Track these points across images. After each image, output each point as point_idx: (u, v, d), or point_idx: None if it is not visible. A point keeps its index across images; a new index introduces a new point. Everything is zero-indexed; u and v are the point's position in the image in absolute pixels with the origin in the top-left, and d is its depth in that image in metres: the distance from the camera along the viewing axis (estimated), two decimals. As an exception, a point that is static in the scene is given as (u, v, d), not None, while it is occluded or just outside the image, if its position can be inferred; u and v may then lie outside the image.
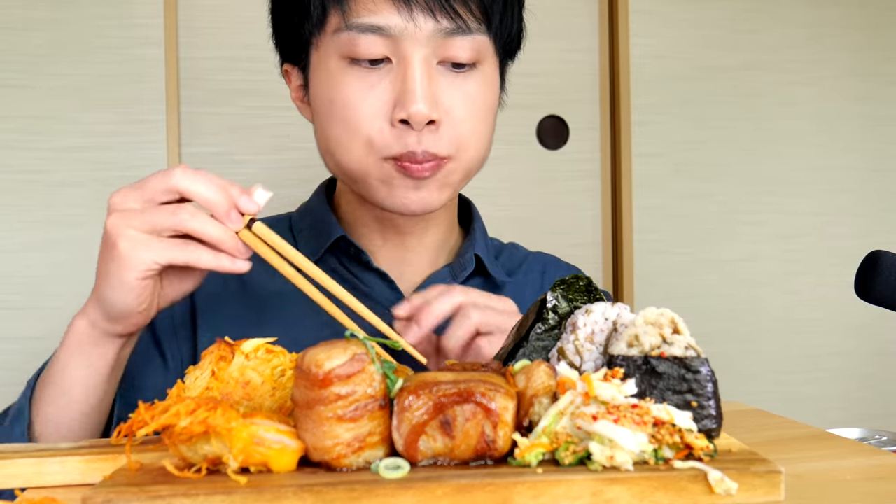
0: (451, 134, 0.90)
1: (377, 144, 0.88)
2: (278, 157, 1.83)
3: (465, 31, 0.88)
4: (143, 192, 0.73)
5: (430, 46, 0.87)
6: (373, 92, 0.88)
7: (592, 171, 1.98)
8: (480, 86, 0.92)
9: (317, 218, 1.04)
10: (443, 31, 0.87)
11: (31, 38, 1.74)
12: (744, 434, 0.70)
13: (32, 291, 1.74)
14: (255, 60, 1.80)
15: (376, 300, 1.00)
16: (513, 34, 0.97)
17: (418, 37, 0.86)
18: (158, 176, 0.72)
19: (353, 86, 0.88)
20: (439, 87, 0.89)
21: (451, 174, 0.92)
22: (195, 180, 0.72)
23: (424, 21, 0.86)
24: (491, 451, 0.54)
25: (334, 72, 0.89)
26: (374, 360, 0.55)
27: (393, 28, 0.86)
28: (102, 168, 1.76)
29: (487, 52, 0.92)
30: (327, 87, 0.90)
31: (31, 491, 0.59)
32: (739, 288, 2.02)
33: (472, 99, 0.91)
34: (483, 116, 0.93)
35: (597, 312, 0.64)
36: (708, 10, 2.00)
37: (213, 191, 0.72)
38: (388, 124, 0.88)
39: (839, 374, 2.06)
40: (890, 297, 0.81)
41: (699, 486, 0.51)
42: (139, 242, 0.71)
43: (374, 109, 0.88)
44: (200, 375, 0.65)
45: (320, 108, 0.92)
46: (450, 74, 0.90)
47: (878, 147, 2.08)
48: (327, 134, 0.92)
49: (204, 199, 0.72)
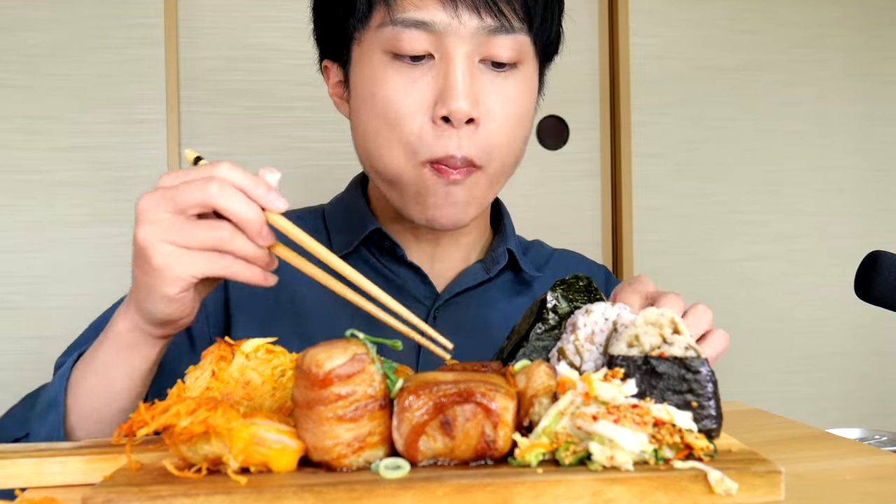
0: (488, 135, 0.89)
1: (416, 145, 0.88)
2: (278, 157, 1.83)
3: (509, 29, 0.88)
4: (174, 202, 0.68)
5: (473, 43, 0.87)
6: (415, 87, 0.88)
7: (592, 171, 1.98)
8: (520, 87, 0.92)
9: (351, 210, 1.04)
10: (486, 28, 0.87)
11: (30, 38, 1.74)
12: (744, 434, 0.70)
13: (33, 291, 1.74)
14: (255, 60, 1.80)
15: (409, 293, 1.01)
16: (552, 36, 0.97)
17: (462, 33, 0.86)
18: (194, 186, 0.68)
19: (395, 81, 0.88)
20: (480, 86, 0.89)
21: (477, 184, 0.92)
22: (231, 198, 0.68)
23: (469, 18, 0.86)
24: (491, 451, 0.54)
25: (377, 67, 0.89)
26: (375, 360, 0.55)
27: (437, 24, 0.86)
28: (102, 168, 1.76)
29: (528, 53, 0.92)
30: (369, 82, 0.90)
31: (32, 491, 0.59)
32: (739, 288, 2.02)
33: (511, 101, 0.91)
34: (519, 121, 0.93)
35: (597, 312, 0.64)
36: (708, 10, 2.00)
37: (249, 210, 0.69)
38: (430, 121, 0.87)
39: (839, 374, 2.06)
40: (890, 297, 0.80)
41: (699, 486, 0.51)
42: (176, 257, 0.69)
43: (415, 105, 0.88)
44: (201, 375, 0.65)
45: (361, 104, 0.92)
46: (490, 73, 0.90)
47: (878, 147, 2.08)
48: (366, 129, 0.92)
49: (239, 219, 0.68)
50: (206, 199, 0.67)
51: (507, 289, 1.06)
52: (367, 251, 1.02)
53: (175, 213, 0.68)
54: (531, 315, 0.72)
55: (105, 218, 1.76)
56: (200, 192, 0.67)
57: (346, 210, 1.05)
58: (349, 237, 1.01)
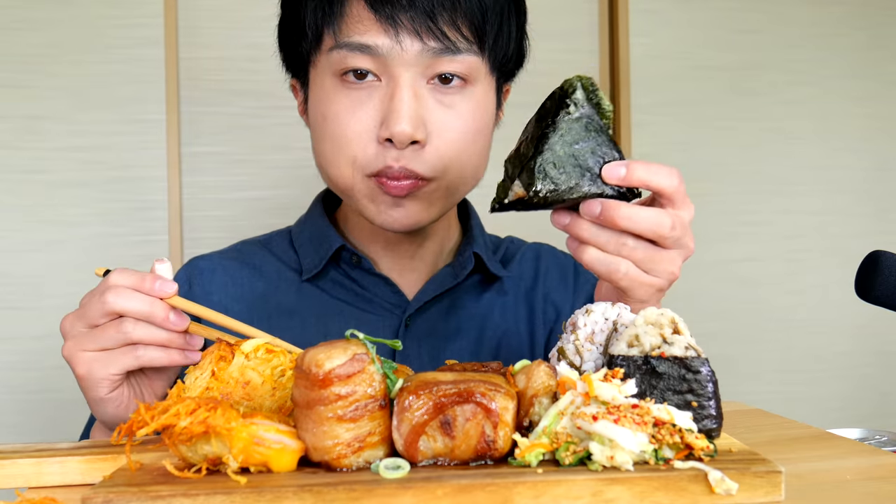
0: (436, 155, 0.90)
1: (360, 162, 0.90)
2: (278, 157, 1.83)
3: (454, 51, 0.88)
4: (85, 318, 0.77)
5: (418, 66, 0.88)
6: (361, 110, 0.90)
7: (592, 171, 1.98)
8: (471, 105, 0.92)
9: (315, 230, 1.06)
10: (430, 51, 0.88)
11: (31, 38, 1.74)
12: (744, 434, 0.70)
13: (32, 291, 1.74)
14: (255, 60, 1.80)
15: (380, 304, 1.02)
16: (509, 55, 0.96)
17: (405, 58, 0.87)
18: (94, 300, 0.77)
19: (343, 104, 0.90)
20: (427, 108, 0.89)
21: (434, 193, 0.93)
22: (127, 299, 0.75)
23: (411, 43, 0.87)
24: (491, 451, 0.54)
25: (328, 89, 0.92)
26: (375, 360, 0.55)
27: (381, 47, 0.87)
28: (102, 168, 1.76)
29: (480, 72, 0.92)
30: (321, 104, 0.93)
31: (31, 491, 0.59)
32: (739, 288, 2.02)
33: (461, 119, 0.91)
34: (473, 137, 0.93)
35: (597, 312, 0.64)
36: (708, 9, 2.00)
37: (145, 303, 0.76)
38: (375, 142, 0.90)
39: (839, 374, 2.06)
40: (890, 296, 0.80)
41: (699, 486, 0.51)
42: (93, 361, 0.77)
43: (361, 126, 0.90)
44: (200, 375, 0.65)
45: (315, 124, 0.95)
46: (439, 94, 0.90)
47: (879, 147, 2.08)
48: (319, 148, 0.95)
49: (140, 315, 0.76)
50: (106, 308, 0.76)
51: (475, 289, 1.07)
52: (338, 268, 1.03)
53: (87, 326, 0.77)
54: (551, 106, 0.69)
55: (105, 218, 1.76)
56: (100, 303, 0.76)
57: (311, 230, 1.06)
58: (317, 257, 1.03)
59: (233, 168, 1.82)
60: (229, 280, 1.04)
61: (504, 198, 0.71)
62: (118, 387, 0.79)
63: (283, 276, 1.04)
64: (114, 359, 0.77)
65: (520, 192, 0.69)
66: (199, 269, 1.06)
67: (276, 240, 1.10)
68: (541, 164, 0.68)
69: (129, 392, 0.80)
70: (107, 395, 0.78)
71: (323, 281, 1.03)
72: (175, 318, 0.77)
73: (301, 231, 1.08)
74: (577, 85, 0.70)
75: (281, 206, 1.82)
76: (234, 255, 1.08)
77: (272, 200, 1.83)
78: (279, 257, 1.07)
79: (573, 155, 0.69)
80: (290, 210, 1.72)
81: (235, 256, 1.07)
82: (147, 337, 0.76)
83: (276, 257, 1.07)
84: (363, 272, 1.02)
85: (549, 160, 0.68)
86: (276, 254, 1.08)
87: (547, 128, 0.69)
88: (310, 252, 1.04)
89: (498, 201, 0.71)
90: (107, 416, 0.81)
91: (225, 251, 1.10)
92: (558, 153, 0.68)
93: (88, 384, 0.78)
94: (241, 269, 1.05)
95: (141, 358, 0.76)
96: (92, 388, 0.78)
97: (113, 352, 0.77)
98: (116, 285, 0.76)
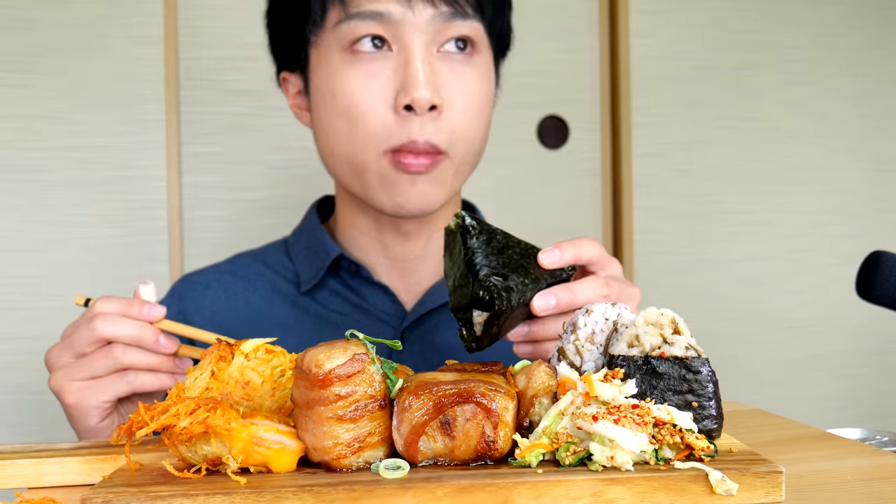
0: (451, 123, 0.91)
1: (380, 135, 0.89)
2: (278, 157, 1.83)
3: (464, 15, 0.90)
4: (72, 347, 0.77)
5: (429, 32, 0.89)
6: (375, 81, 0.89)
7: (592, 171, 1.98)
8: (478, 75, 0.93)
9: (311, 239, 1.04)
10: (442, 15, 0.89)
11: (30, 37, 1.74)
12: (745, 434, 0.70)
13: (32, 291, 1.74)
14: (255, 60, 1.80)
15: (376, 316, 1.00)
16: (504, 30, 0.99)
17: (418, 23, 0.88)
18: (81, 329, 0.76)
19: (356, 77, 0.89)
20: (440, 75, 0.90)
21: (446, 172, 0.93)
22: (116, 325, 0.76)
23: (423, 7, 0.88)
24: (491, 451, 0.54)
25: (336, 65, 0.90)
26: (374, 361, 0.55)
27: (392, 14, 0.87)
28: (102, 168, 1.76)
29: (483, 42, 0.94)
30: (329, 82, 0.91)
31: (31, 491, 0.59)
32: (740, 288, 2.02)
33: (470, 90, 0.92)
34: (480, 108, 0.94)
35: (597, 312, 0.64)
36: (708, 9, 2.00)
37: (135, 328, 0.76)
38: (392, 112, 0.89)
39: (840, 374, 2.06)
40: (891, 296, 0.80)
41: (700, 486, 0.51)
42: (84, 390, 0.77)
43: (377, 98, 0.89)
44: (200, 375, 0.65)
45: (322, 104, 0.93)
46: (449, 62, 0.91)
47: (878, 147, 2.08)
48: (328, 129, 0.93)
49: (130, 340, 0.76)
50: (96, 335, 0.76)
51: None
52: (337, 278, 1.01)
53: (75, 356, 0.77)
54: (453, 239, 0.71)
55: (105, 218, 1.76)
56: (89, 330, 0.76)
57: (307, 241, 1.04)
58: (314, 268, 1.01)
59: (232, 168, 1.82)
60: (223, 295, 1.02)
61: (472, 335, 0.70)
62: (108, 415, 0.78)
63: (279, 290, 1.02)
64: (105, 386, 0.76)
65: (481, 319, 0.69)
66: (191, 283, 1.04)
67: (272, 252, 1.08)
68: (485, 281, 0.68)
69: (119, 421, 0.80)
70: (97, 423, 0.78)
71: (320, 292, 1.01)
72: (165, 340, 0.77)
73: (297, 241, 1.06)
74: (459, 224, 0.71)
75: (280, 206, 1.82)
76: (227, 268, 1.06)
77: (271, 200, 1.83)
78: (275, 269, 1.05)
79: (502, 263, 0.71)
80: (289, 210, 1.72)
81: (229, 270, 1.06)
82: (137, 362, 0.76)
83: (272, 270, 1.05)
84: (362, 280, 1.00)
85: (489, 274, 0.69)
86: (272, 266, 1.06)
87: (468, 254, 0.70)
88: (306, 263, 1.02)
89: (473, 340, 0.71)
90: None
91: (219, 266, 1.08)
92: (492, 264, 0.70)
93: (79, 414, 0.77)
94: (235, 284, 1.03)
95: (132, 383, 0.76)
96: (83, 418, 0.77)
97: (103, 379, 0.76)
98: (104, 312, 0.76)
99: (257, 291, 1.03)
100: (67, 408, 0.78)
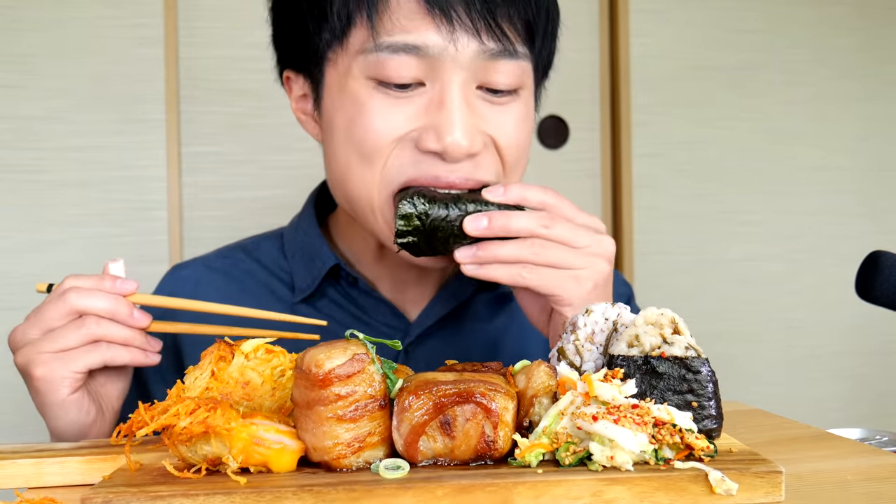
0: (487, 166, 0.80)
1: (389, 171, 0.79)
2: (278, 158, 1.83)
3: (512, 53, 0.78)
4: (41, 323, 0.75)
5: (470, 70, 0.77)
6: (400, 117, 0.77)
7: (592, 171, 1.98)
8: (520, 117, 0.82)
9: (307, 242, 0.95)
10: (487, 52, 0.77)
11: (30, 38, 1.74)
12: (744, 434, 0.70)
13: (32, 291, 1.74)
14: (255, 60, 1.80)
15: (378, 329, 0.93)
16: (552, 54, 0.89)
17: (459, 59, 0.76)
18: (53, 303, 0.74)
19: (379, 111, 0.78)
20: (480, 115, 0.79)
21: None
22: (91, 297, 0.74)
23: (468, 41, 0.76)
24: (491, 451, 0.54)
25: (359, 95, 0.79)
26: (374, 361, 0.55)
27: (431, 48, 0.75)
28: (102, 168, 1.76)
29: (529, 78, 0.83)
30: (348, 111, 0.80)
31: (31, 491, 0.59)
32: (740, 288, 2.02)
33: (510, 134, 0.81)
34: (520, 152, 0.84)
35: (597, 312, 0.64)
36: (708, 9, 2.00)
37: (109, 301, 0.74)
38: (412, 150, 0.78)
39: (839, 374, 2.06)
40: (890, 296, 0.80)
41: (700, 486, 0.51)
42: (53, 360, 0.73)
43: (400, 135, 0.78)
44: (200, 375, 0.65)
45: (335, 132, 0.82)
46: (487, 102, 0.80)
47: (878, 147, 2.08)
48: (338, 160, 0.82)
49: (104, 312, 0.74)
50: (69, 306, 0.73)
51: (485, 310, 0.97)
52: (335, 285, 0.94)
53: (44, 331, 0.74)
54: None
55: (105, 218, 1.76)
56: (61, 303, 0.74)
57: (304, 243, 0.96)
58: (309, 276, 0.93)
59: (233, 168, 1.82)
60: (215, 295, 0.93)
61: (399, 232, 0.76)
62: (79, 388, 0.75)
63: (274, 294, 0.95)
64: (76, 357, 0.74)
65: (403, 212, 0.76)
66: (181, 281, 0.98)
67: (265, 246, 1.00)
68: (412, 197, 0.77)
69: (87, 397, 0.77)
70: (68, 395, 0.74)
71: (319, 300, 0.94)
72: (139, 315, 0.75)
73: (293, 239, 0.97)
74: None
75: (281, 206, 1.82)
76: (219, 265, 0.98)
77: (272, 200, 1.83)
78: (270, 270, 0.97)
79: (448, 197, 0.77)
80: (290, 210, 1.71)
81: (220, 268, 0.98)
82: (110, 334, 0.74)
83: (266, 269, 0.97)
84: (361, 292, 0.93)
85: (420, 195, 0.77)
86: (265, 264, 0.98)
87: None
88: (301, 268, 0.94)
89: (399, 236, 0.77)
90: (66, 425, 0.76)
91: (209, 259, 1.00)
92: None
93: (48, 386, 0.74)
94: (227, 286, 0.96)
95: (104, 354, 0.74)
96: (52, 389, 0.74)
97: (75, 350, 0.74)
98: (76, 286, 0.74)
99: (251, 294, 0.95)
100: (35, 381, 0.74)
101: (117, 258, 0.79)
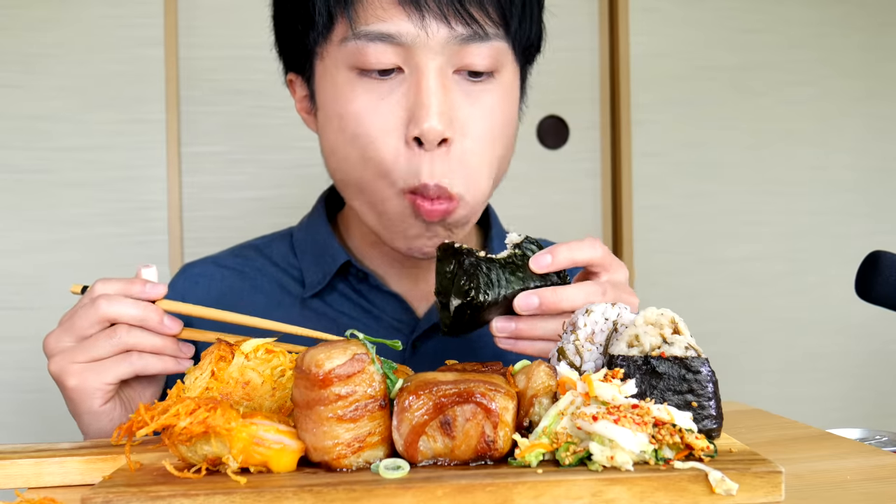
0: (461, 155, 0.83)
1: (391, 170, 0.82)
2: (278, 157, 1.83)
3: (483, 36, 0.82)
4: (73, 330, 0.75)
5: (444, 55, 0.81)
6: (384, 105, 0.82)
7: (592, 171, 1.98)
8: (499, 98, 0.86)
9: (318, 239, 0.98)
10: (458, 37, 0.81)
11: (31, 38, 1.74)
12: (744, 434, 0.70)
13: (33, 291, 1.74)
14: (255, 60, 1.80)
15: (387, 322, 0.95)
16: (532, 38, 0.90)
17: (431, 45, 0.80)
18: (84, 311, 0.75)
19: (363, 99, 0.82)
20: (455, 101, 0.82)
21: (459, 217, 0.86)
22: (120, 305, 0.74)
23: (438, 28, 0.80)
24: (491, 451, 0.54)
25: (342, 85, 0.84)
26: (374, 361, 0.55)
27: (404, 35, 0.80)
28: (103, 168, 1.76)
29: (506, 59, 0.86)
30: (335, 102, 0.85)
31: (31, 491, 0.59)
32: (740, 288, 2.02)
33: (489, 116, 0.85)
34: (500, 133, 0.86)
35: (597, 312, 0.64)
36: (708, 9, 2.00)
37: (138, 308, 0.75)
38: (403, 143, 0.82)
39: (840, 374, 2.06)
40: (891, 296, 0.80)
41: (700, 486, 0.51)
42: (86, 371, 0.75)
43: (386, 125, 0.82)
44: (200, 375, 0.65)
45: (328, 124, 0.87)
46: (466, 85, 0.83)
47: (879, 147, 2.08)
48: (335, 151, 0.87)
49: (134, 320, 0.75)
50: (100, 315, 0.74)
51: None
52: (345, 281, 0.97)
53: (77, 339, 0.75)
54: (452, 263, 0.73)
55: (105, 218, 1.76)
56: (92, 310, 0.74)
57: (314, 240, 0.99)
58: (320, 272, 0.96)
59: (233, 168, 1.82)
60: (228, 293, 0.98)
61: (448, 317, 0.73)
62: (111, 398, 0.77)
63: (285, 290, 0.98)
64: (108, 367, 0.75)
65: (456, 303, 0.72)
66: (193, 279, 1.00)
67: (277, 244, 1.03)
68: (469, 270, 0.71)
69: (120, 405, 0.78)
70: (100, 406, 0.76)
71: (329, 295, 0.96)
72: (169, 322, 0.76)
73: (304, 237, 1.00)
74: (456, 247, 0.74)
75: (281, 206, 1.82)
76: (231, 264, 1.01)
77: (272, 200, 1.83)
78: (280, 266, 1.00)
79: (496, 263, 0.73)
80: (290, 210, 1.72)
81: (232, 265, 1.01)
82: (141, 343, 0.75)
83: (277, 266, 1.00)
84: (370, 287, 0.96)
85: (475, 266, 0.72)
86: (277, 262, 1.00)
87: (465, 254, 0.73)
88: (312, 265, 0.97)
89: (447, 325, 0.73)
90: (98, 432, 0.78)
91: (220, 258, 1.03)
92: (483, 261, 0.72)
93: (81, 396, 0.75)
94: (240, 283, 0.99)
95: (135, 364, 0.75)
96: (85, 399, 0.75)
97: (107, 360, 0.75)
98: (106, 293, 0.75)
99: (263, 291, 0.98)
100: (69, 391, 0.76)
101: (150, 264, 0.80)
